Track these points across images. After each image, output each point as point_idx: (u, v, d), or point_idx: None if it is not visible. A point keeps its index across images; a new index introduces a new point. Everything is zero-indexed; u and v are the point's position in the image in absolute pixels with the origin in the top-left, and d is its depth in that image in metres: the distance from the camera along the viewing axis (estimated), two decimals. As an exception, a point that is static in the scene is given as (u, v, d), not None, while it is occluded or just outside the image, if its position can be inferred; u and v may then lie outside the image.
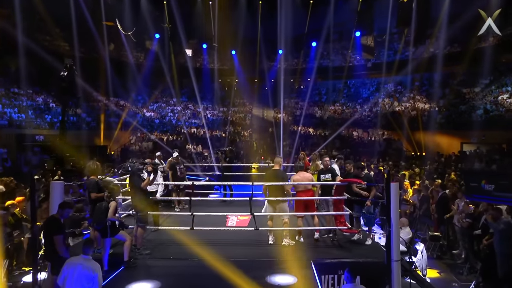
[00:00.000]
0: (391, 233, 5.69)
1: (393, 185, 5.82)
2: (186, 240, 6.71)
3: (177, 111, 30.60)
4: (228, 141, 25.84)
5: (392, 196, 5.79)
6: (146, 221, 6.09)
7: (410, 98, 26.41)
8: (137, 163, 6.12)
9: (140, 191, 6.05)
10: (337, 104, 29.87)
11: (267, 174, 6.86)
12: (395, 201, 5.82)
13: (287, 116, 28.93)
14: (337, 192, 6.79)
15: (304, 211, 6.91)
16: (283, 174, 6.90)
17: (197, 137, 26.82)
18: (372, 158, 20.06)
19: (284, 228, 6.69)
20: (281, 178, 6.76)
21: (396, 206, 5.83)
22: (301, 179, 6.90)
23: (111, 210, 5.68)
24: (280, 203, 6.74)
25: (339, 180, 6.78)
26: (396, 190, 5.84)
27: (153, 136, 25.67)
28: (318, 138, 25.15)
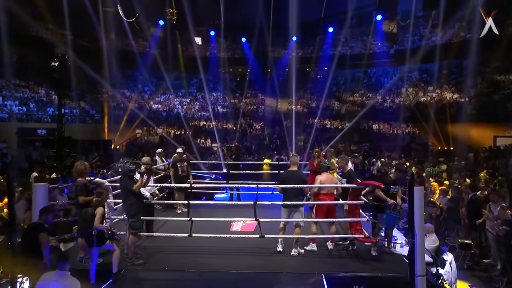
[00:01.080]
0: (415, 245, 5.21)
1: (417, 189, 5.32)
2: (184, 248, 6.40)
3: (185, 103, 30.37)
4: (239, 134, 25.48)
5: (416, 202, 5.29)
6: (138, 228, 5.77)
7: (437, 87, 25.42)
8: (128, 163, 5.77)
9: (131, 194, 5.72)
10: (356, 94, 29.06)
11: (284, 176, 6.42)
12: (420, 208, 5.32)
13: (302, 108, 28.33)
14: (352, 195, 6.31)
15: (325, 216, 6.49)
16: (303, 176, 6.46)
17: (206, 130, 26.56)
18: (394, 154, 19.38)
19: (294, 236, 6.26)
20: (301, 181, 6.33)
21: (420, 214, 5.34)
22: (327, 181, 6.46)
23: (97, 217, 5.33)
24: (297, 208, 6.32)
25: (356, 183, 6.29)
26: (421, 195, 5.34)
27: (159, 130, 25.52)
28: (335, 132, 24.49)
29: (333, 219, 6.49)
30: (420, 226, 5.32)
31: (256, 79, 31.24)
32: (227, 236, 6.29)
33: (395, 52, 28.11)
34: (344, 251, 6.47)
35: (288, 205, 6.28)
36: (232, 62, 31.17)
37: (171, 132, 25.87)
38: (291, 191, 6.24)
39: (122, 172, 5.75)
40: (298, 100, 29.53)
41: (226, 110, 29.33)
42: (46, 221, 5.17)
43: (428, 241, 7.48)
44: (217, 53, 31.39)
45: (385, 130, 24.31)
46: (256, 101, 30.24)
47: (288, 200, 6.24)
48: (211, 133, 25.60)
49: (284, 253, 6.30)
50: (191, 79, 32.86)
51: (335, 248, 6.57)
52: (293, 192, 6.25)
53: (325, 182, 6.42)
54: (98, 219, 5.32)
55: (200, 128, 26.25)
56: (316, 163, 9.49)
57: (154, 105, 29.08)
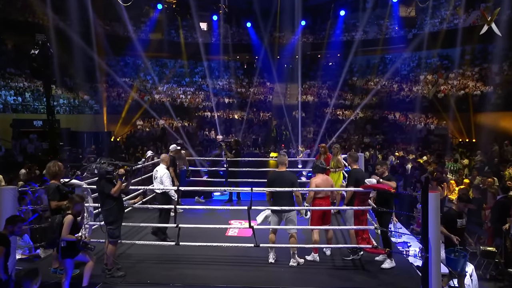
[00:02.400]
0: (429, 260, 4.70)
1: (433, 195, 4.78)
2: (171, 257, 6.01)
3: (189, 92, 29.95)
4: (245, 125, 24.99)
5: (432, 209, 4.76)
6: (118, 236, 5.37)
7: (459, 74, 24.46)
8: (105, 164, 5.35)
9: (110, 198, 5.32)
10: (370, 83, 28.23)
11: (271, 178, 5.95)
12: (435, 216, 4.79)
13: (312, 97, 27.66)
14: (358, 199, 5.81)
15: (321, 222, 6.05)
16: (293, 177, 5.97)
17: (211, 121, 26.09)
18: (411, 147, 18.69)
19: (291, 245, 5.81)
20: (290, 183, 5.87)
21: (436, 223, 4.80)
22: (322, 184, 6.00)
23: (65, 227, 4.78)
24: (288, 213, 5.87)
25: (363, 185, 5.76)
26: (437, 201, 4.80)
27: (162, 121, 25.19)
28: (348, 123, 23.79)
29: (330, 227, 6.09)
30: (435, 238, 4.79)
31: (264, 66, 30.61)
32: (217, 245, 5.86)
33: (413, 36, 27.13)
34: (349, 262, 5.99)
35: (278, 211, 5.82)
36: (238, 49, 30.55)
37: (174, 123, 25.50)
38: (280, 195, 5.79)
39: (99, 174, 5.33)
40: (309, 89, 28.88)
41: (232, 100, 28.83)
42: (12, 232, 4.75)
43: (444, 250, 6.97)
44: (222, 39, 30.82)
45: (401, 120, 23.53)
46: (264, 90, 29.63)
47: (277, 205, 5.78)
48: (215, 124, 25.18)
49: (281, 263, 5.85)
50: (195, 67, 32.41)
51: (339, 258, 6.09)
52: (282, 195, 5.80)
53: (320, 185, 5.95)
54: (66, 229, 4.78)
55: (205, 119, 25.82)
56: (323, 159, 9.00)
57: (156, 95, 28.69)
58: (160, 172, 6.84)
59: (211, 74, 31.41)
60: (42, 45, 8.41)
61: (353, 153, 6.78)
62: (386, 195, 5.56)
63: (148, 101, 26.67)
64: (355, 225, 5.82)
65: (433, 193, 4.82)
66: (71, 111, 23.76)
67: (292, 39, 29.25)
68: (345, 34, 29.98)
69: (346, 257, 6.11)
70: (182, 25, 30.58)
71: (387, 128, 22.29)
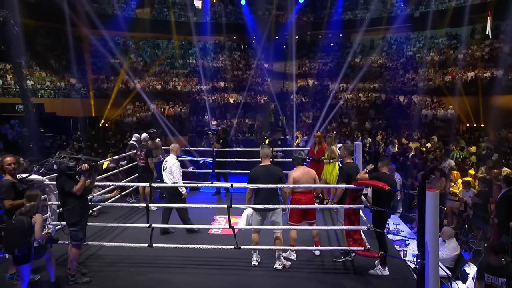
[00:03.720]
0: (425, 268, 4.33)
1: (431, 194, 4.39)
2: (144, 260, 5.66)
3: (183, 75, 29.32)
4: (241, 110, 24.47)
5: (429, 210, 4.38)
6: (81, 238, 5.01)
7: (468, 55, 23.82)
8: (66, 158, 4.95)
9: (71, 197, 4.94)
10: (374, 64, 27.60)
11: (256, 173, 5.55)
12: (433, 219, 4.40)
13: (312, 81, 27.07)
14: (350, 197, 5.42)
15: (301, 219, 5.71)
16: (278, 172, 5.58)
17: (205, 106, 25.54)
18: (415, 132, 18.26)
19: (276, 247, 5.47)
20: (277, 178, 5.49)
21: (434, 226, 4.42)
22: (303, 178, 5.61)
23: (37, 227, 4.63)
24: (273, 212, 5.50)
25: (360, 179, 5.36)
26: (435, 202, 4.40)
27: (153, 106, 24.69)
28: (348, 108, 23.31)
29: (315, 227, 5.75)
30: (433, 242, 4.42)
31: (261, 47, 29.94)
32: (194, 247, 5.50)
33: (420, 14, 26.40)
34: (340, 264, 5.65)
35: (261, 210, 5.45)
36: (234, 29, 29.84)
37: (166, 108, 25.03)
38: (264, 192, 5.40)
39: (59, 170, 4.93)
40: (309, 71, 28.27)
41: (228, 83, 28.25)
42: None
43: (447, 248, 6.63)
44: (218, 18, 30.08)
45: (405, 104, 23.01)
46: (262, 73, 29.01)
47: (261, 202, 5.40)
48: (211, 108, 24.69)
49: (265, 266, 5.51)
50: (189, 48, 31.73)
51: (329, 259, 5.75)
52: (269, 193, 5.41)
53: (300, 178, 5.57)
54: (39, 228, 4.65)
55: (198, 103, 25.33)
56: (317, 149, 8.64)
57: (148, 77, 28.10)
58: (169, 162, 6.73)
59: (205, 55, 30.78)
60: (3, 22, 7.87)
61: (348, 145, 6.36)
62: (380, 192, 5.16)
63: (139, 85, 26.15)
64: (346, 225, 5.44)
65: (431, 191, 4.42)
66: (56, 94, 23.28)
67: (291, 18, 28.50)
68: (348, 13, 29.21)
69: (337, 259, 5.77)
70: (174, 3, 29.78)
71: (391, 113, 21.80)
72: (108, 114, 24.04)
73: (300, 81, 27.80)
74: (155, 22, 29.72)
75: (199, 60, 29.89)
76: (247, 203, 5.58)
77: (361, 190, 5.44)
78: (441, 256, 6.48)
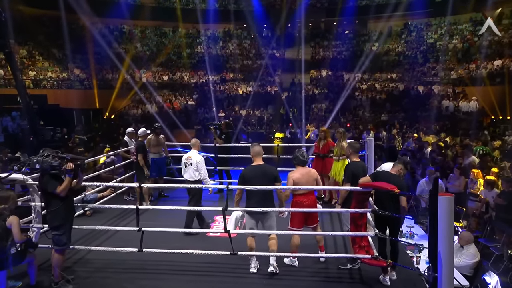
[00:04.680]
0: (438, 282, 4.04)
1: (444, 200, 4.07)
2: (135, 265, 5.49)
3: (190, 65, 29.09)
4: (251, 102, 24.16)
5: (442, 217, 4.07)
6: (65, 243, 4.85)
7: (494, 42, 23.02)
8: (49, 156, 4.77)
9: (55, 198, 4.77)
10: (391, 52, 26.96)
11: (248, 173, 5.30)
12: (447, 227, 4.09)
13: (326, 70, 26.56)
14: (356, 200, 5.14)
15: (303, 223, 5.46)
16: (275, 171, 5.34)
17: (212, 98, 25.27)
18: (434, 125, 17.79)
19: (272, 254, 5.24)
20: (272, 178, 5.25)
21: (448, 235, 4.11)
22: (303, 179, 5.37)
23: (15, 229, 4.54)
24: (267, 215, 5.28)
25: (362, 183, 5.07)
26: (449, 208, 4.08)
27: (159, 98, 24.57)
28: (363, 99, 22.80)
29: (318, 232, 5.52)
30: (447, 253, 4.11)
31: (272, 36, 29.51)
32: (187, 252, 5.30)
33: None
34: (346, 272, 5.39)
35: (254, 213, 5.21)
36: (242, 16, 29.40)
37: (172, 99, 24.88)
38: (258, 194, 5.17)
39: (41, 169, 4.76)
40: (322, 60, 27.75)
41: (237, 74, 27.93)
42: None
43: (465, 255, 6.29)
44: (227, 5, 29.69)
45: (424, 95, 22.39)
46: (273, 62, 28.56)
47: (254, 205, 5.18)
48: (219, 100, 24.47)
49: (264, 273, 5.29)
50: (197, 37, 31.46)
51: (334, 266, 5.50)
52: (262, 194, 5.18)
53: (300, 180, 5.32)
54: (17, 231, 4.55)
55: (206, 94, 25.11)
56: (323, 145, 8.35)
57: (154, 67, 27.95)
58: (195, 157, 6.76)
59: (214, 44, 30.49)
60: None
61: (354, 142, 6.06)
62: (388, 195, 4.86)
63: (144, 75, 26.05)
64: (352, 230, 5.17)
65: (445, 196, 4.10)
66: (59, 85, 23.33)
67: (304, 4, 27.96)
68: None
69: (342, 266, 5.51)
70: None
71: (409, 104, 21.26)
72: (112, 106, 24.02)
73: (313, 72, 27.33)
74: (161, 10, 29.49)
75: (207, 49, 29.61)
76: (236, 205, 5.36)
77: (368, 193, 5.16)
78: (458, 264, 6.17)
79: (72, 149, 14.37)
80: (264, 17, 28.58)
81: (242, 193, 5.34)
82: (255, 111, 22.86)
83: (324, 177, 8.35)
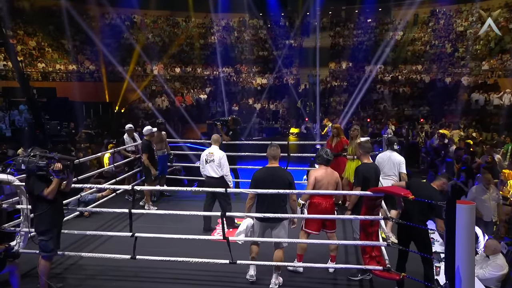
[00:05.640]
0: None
1: (463, 209, 3.76)
2: (128, 273, 5.35)
3: (203, 56, 28.97)
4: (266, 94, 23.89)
5: (460, 230, 3.77)
6: (52, 249, 4.72)
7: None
8: (37, 157, 4.64)
9: (42, 201, 4.65)
10: (416, 42, 26.24)
11: (259, 176, 5.08)
12: (467, 239, 3.79)
13: (346, 62, 26.04)
14: (366, 206, 4.86)
15: (320, 227, 5.27)
16: (289, 175, 5.09)
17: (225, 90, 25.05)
18: (462, 120, 17.20)
19: (276, 263, 5.01)
20: (287, 182, 4.99)
21: (468, 248, 3.81)
22: (325, 180, 5.20)
23: None
24: (278, 224, 5.05)
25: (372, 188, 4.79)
26: (469, 218, 3.77)
27: (170, 91, 24.52)
28: (384, 93, 22.21)
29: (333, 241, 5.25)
30: (467, 269, 3.82)
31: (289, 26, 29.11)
32: (183, 260, 5.12)
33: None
34: (356, 284, 5.13)
35: (265, 219, 4.98)
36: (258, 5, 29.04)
37: (185, 92, 24.79)
38: (269, 198, 4.93)
39: (27, 170, 4.64)
40: (342, 51, 27.20)
41: (252, 65, 27.65)
42: None
43: (491, 266, 5.93)
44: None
45: (452, 87, 21.68)
46: (290, 54, 28.17)
47: (264, 211, 4.95)
48: (233, 93, 24.28)
49: (264, 283, 5.08)
50: (211, 27, 31.28)
51: (343, 277, 5.25)
52: (273, 200, 4.94)
53: (322, 179, 5.15)
54: None
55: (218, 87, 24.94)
56: (335, 143, 8.07)
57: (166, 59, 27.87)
58: (217, 153, 6.78)
59: (228, 35, 30.27)
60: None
61: (365, 142, 5.77)
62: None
63: (156, 67, 26.05)
64: (361, 239, 4.90)
65: (465, 205, 3.80)
66: (69, 78, 23.51)
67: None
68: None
69: (353, 277, 5.25)
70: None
71: (435, 97, 20.63)
72: (122, 99, 24.07)
73: (332, 63, 26.85)
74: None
75: (221, 40, 29.40)
76: (247, 211, 5.14)
77: (379, 198, 4.86)
78: (484, 276, 5.83)
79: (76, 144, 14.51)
80: (281, 5, 28.17)
81: (254, 198, 5.10)
82: (270, 104, 22.56)
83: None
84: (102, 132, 18.25)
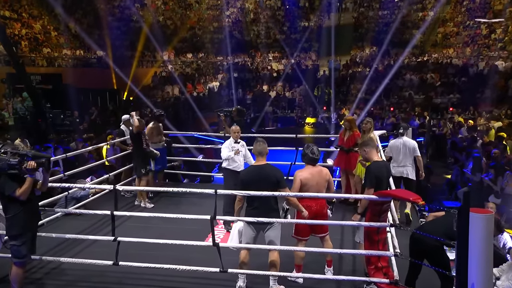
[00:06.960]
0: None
1: (477, 218, 3.43)
2: (110, 280, 5.20)
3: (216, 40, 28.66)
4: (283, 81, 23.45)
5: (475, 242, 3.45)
6: (25, 255, 4.57)
7: None
8: (8, 154, 4.49)
9: (14, 203, 4.51)
10: (448, 23, 25.28)
11: (246, 176, 4.89)
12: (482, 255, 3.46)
13: (369, 47, 25.30)
14: (371, 211, 4.55)
15: (309, 232, 5.02)
16: (277, 172, 4.84)
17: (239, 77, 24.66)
18: (496, 110, 16.52)
19: (271, 273, 4.77)
20: (274, 181, 4.77)
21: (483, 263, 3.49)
22: (312, 180, 4.91)
23: None
24: (270, 226, 4.82)
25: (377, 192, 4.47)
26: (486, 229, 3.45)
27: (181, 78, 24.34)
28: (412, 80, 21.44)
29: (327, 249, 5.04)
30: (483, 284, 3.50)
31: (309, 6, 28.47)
32: (171, 268, 4.93)
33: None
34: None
35: (255, 222, 4.76)
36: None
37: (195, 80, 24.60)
38: (259, 200, 4.72)
39: (-4, 168, 4.50)
40: (365, 33, 26.43)
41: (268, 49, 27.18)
42: None
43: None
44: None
45: (487, 73, 20.79)
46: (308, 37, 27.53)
47: (254, 214, 4.74)
48: (246, 80, 23.94)
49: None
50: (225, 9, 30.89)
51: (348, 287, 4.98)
52: (262, 201, 4.73)
53: (309, 181, 4.88)
54: None
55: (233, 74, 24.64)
56: (348, 136, 7.74)
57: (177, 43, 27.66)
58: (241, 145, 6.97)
59: (244, 17, 29.85)
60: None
61: (369, 139, 5.45)
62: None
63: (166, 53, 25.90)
64: (366, 248, 4.60)
65: (480, 214, 3.46)
66: (75, 64, 23.59)
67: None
68: None
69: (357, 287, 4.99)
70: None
71: (466, 84, 19.85)
72: (130, 87, 24.02)
73: (355, 48, 26.19)
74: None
75: (235, 23, 29.00)
76: (236, 215, 4.91)
77: (387, 202, 4.54)
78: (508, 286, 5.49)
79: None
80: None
81: (243, 200, 4.90)
82: (285, 91, 22.15)
83: (348, 174, 7.80)
84: (108, 121, 18.24)
